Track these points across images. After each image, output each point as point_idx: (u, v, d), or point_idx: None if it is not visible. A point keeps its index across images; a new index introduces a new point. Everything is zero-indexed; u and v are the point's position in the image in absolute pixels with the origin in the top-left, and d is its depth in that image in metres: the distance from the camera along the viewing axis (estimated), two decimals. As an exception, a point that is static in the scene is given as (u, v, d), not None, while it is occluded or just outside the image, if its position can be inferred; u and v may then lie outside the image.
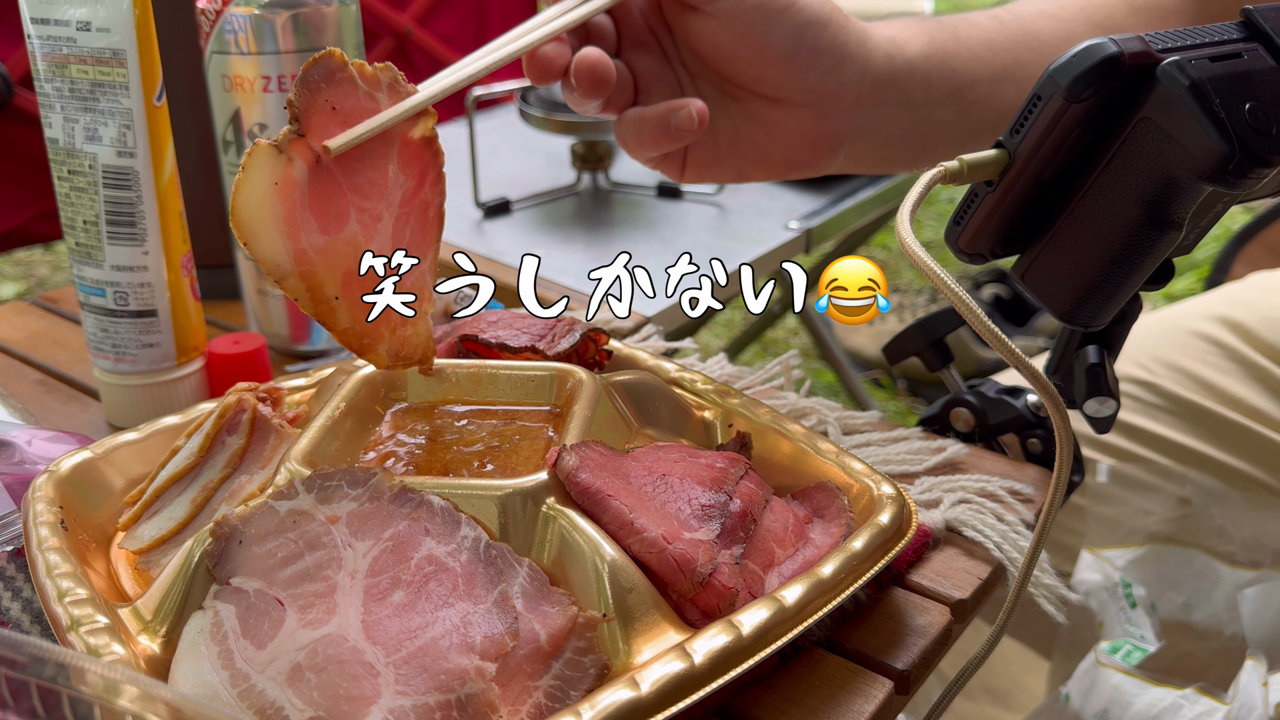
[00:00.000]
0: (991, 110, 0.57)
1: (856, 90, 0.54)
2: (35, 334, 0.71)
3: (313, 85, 0.42)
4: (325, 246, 0.43)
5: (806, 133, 0.55)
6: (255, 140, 0.42)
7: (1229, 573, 0.72)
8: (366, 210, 0.44)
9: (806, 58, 0.52)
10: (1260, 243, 1.59)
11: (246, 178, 0.41)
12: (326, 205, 0.43)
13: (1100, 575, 0.73)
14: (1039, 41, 0.58)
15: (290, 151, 0.42)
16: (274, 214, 0.42)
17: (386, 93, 0.44)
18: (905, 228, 0.39)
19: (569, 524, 0.40)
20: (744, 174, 0.57)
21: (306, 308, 0.44)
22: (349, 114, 0.43)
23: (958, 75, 0.56)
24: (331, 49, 0.43)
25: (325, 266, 0.43)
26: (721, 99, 0.55)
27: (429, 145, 0.46)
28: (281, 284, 0.43)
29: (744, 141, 0.56)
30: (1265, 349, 0.76)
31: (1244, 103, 0.37)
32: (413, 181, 0.46)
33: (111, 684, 0.27)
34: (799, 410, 0.59)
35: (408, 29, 1.39)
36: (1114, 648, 0.69)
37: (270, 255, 0.42)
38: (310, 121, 0.42)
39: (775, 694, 0.40)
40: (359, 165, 0.44)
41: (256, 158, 0.41)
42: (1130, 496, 0.75)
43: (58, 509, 0.43)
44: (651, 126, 0.52)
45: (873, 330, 1.81)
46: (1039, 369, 0.37)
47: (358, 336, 0.45)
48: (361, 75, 0.44)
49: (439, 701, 0.34)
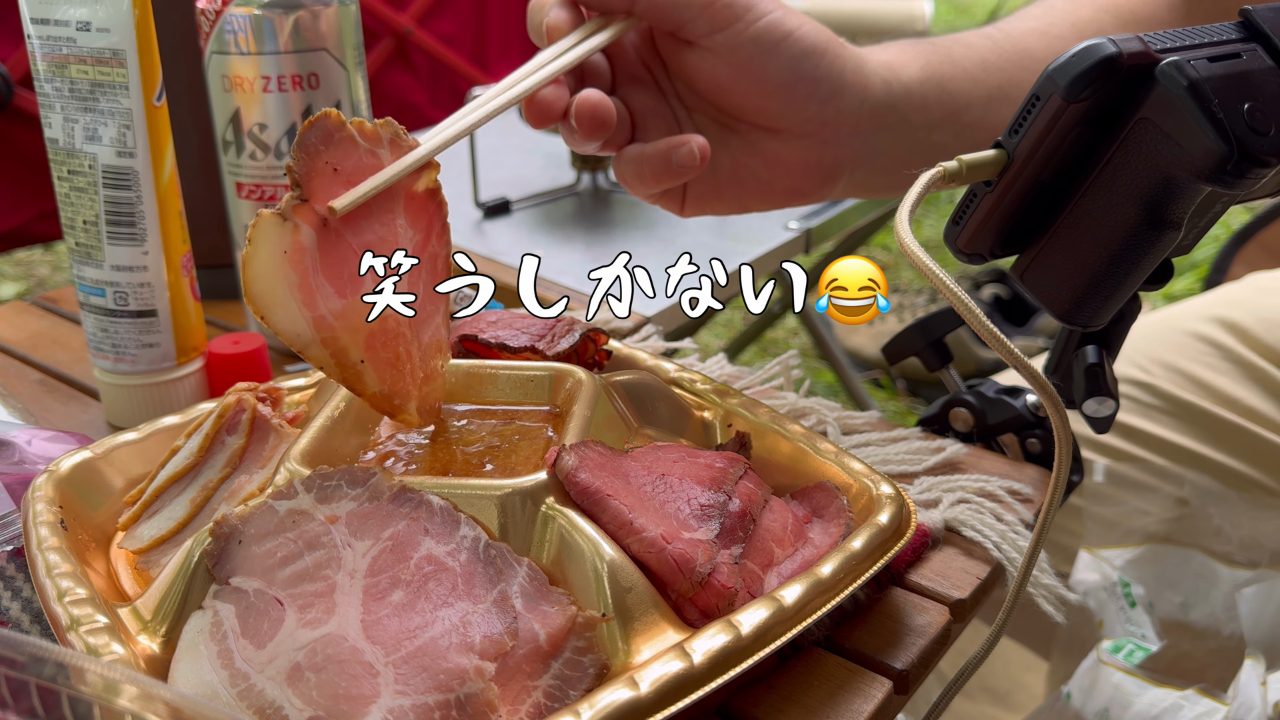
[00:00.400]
0: (988, 131, 0.57)
1: (855, 117, 0.54)
2: (35, 334, 0.71)
3: (311, 149, 0.41)
4: (344, 310, 0.42)
5: (807, 162, 0.55)
6: (259, 212, 0.41)
7: (1227, 572, 0.72)
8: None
9: (805, 88, 0.52)
10: (1258, 243, 1.59)
11: (255, 250, 0.40)
12: (340, 268, 0.42)
13: (1098, 575, 0.73)
14: (1032, 59, 0.58)
15: (295, 218, 0.41)
16: (288, 283, 0.41)
17: (388, 148, 0.44)
18: (904, 228, 0.39)
19: (568, 524, 0.40)
20: (745, 205, 0.57)
21: (333, 374, 0.43)
22: (351, 173, 0.42)
23: (954, 98, 0.56)
24: (328, 110, 0.42)
25: (346, 330, 0.43)
26: (720, 132, 0.55)
27: (433, 197, 0.46)
28: (305, 354, 0.42)
29: (744, 174, 0.55)
30: (1262, 350, 0.76)
31: (1242, 103, 0.38)
32: (420, 235, 0.45)
33: (111, 683, 0.27)
34: (798, 410, 0.59)
35: (407, 29, 1.39)
36: (1116, 647, 0.69)
37: (290, 326, 0.41)
38: (312, 185, 0.41)
39: (774, 693, 0.40)
40: (367, 223, 0.43)
41: (262, 229, 0.40)
42: (1128, 497, 0.75)
43: (57, 509, 0.43)
44: (652, 164, 0.51)
45: (872, 330, 1.81)
46: (1038, 369, 0.37)
47: (388, 399, 0.44)
48: (361, 133, 0.43)
49: (438, 701, 0.34)
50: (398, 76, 1.41)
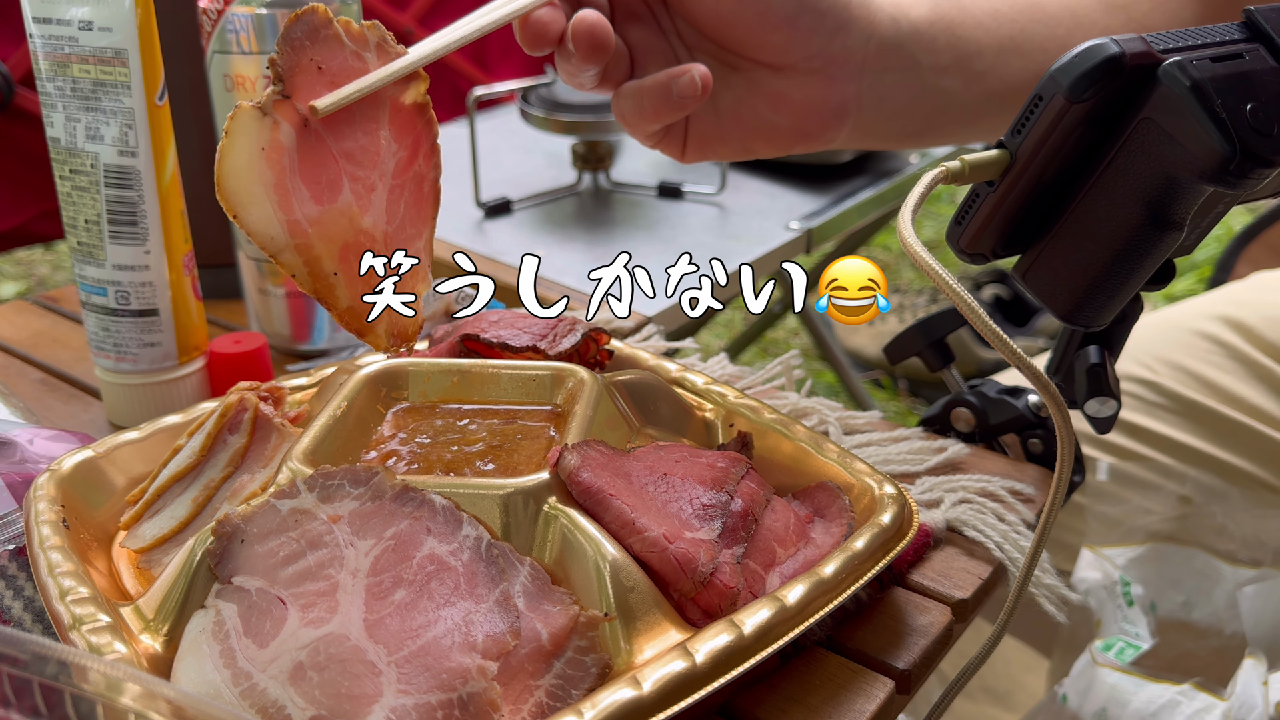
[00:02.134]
0: (999, 81, 0.56)
1: (862, 54, 0.53)
2: (36, 333, 0.71)
3: (296, 43, 0.40)
4: (319, 217, 0.41)
5: (812, 101, 0.53)
6: (237, 104, 0.39)
7: (1229, 571, 0.72)
8: (359, 179, 0.42)
9: (809, 21, 0.51)
10: (1263, 243, 1.59)
11: (231, 143, 0.39)
12: (318, 172, 0.41)
13: (1100, 574, 0.73)
14: (1045, 14, 0.57)
15: (275, 114, 0.39)
16: (263, 181, 0.39)
17: (375, 52, 0.42)
18: (907, 228, 0.39)
19: (570, 523, 0.40)
20: (748, 148, 0.55)
21: (305, 285, 0.41)
22: (336, 74, 0.41)
23: (963, 43, 0.55)
24: (314, 4, 0.40)
25: (321, 239, 0.41)
26: (722, 70, 0.53)
27: (421, 112, 0.44)
28: (277, 258, 0.40)
29: (747, 113, 0.54)
30: (1267, 348, 0.76)
31: (1245, 103, 0.38)
32: (405, 151, 0.43)
33: (114, 682, 0.27)
34: (800, 410, 0.59)
35: (409, 29, 1.39)
36: (1107, 645, 0.69)
37: (262, 226, 0.40)
38: (295, 82, 0.40)
39: (776, 693, 0.40)
40: (349, 130, 0.41)
41: (240, 121, 0.39)
42: (1131, 495, 0.75)
43: (59, 508, 0.43)
44: (652, 96, 0.50)
45: (873, 330, 1.81)
46: (1040, 369, 0.37)
47: (358, 316, 0.43)
48: (348, 33, 0.41)
49: (441, 700, 0.34)
50: (398, 76, 1.41)
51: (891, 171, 1.05)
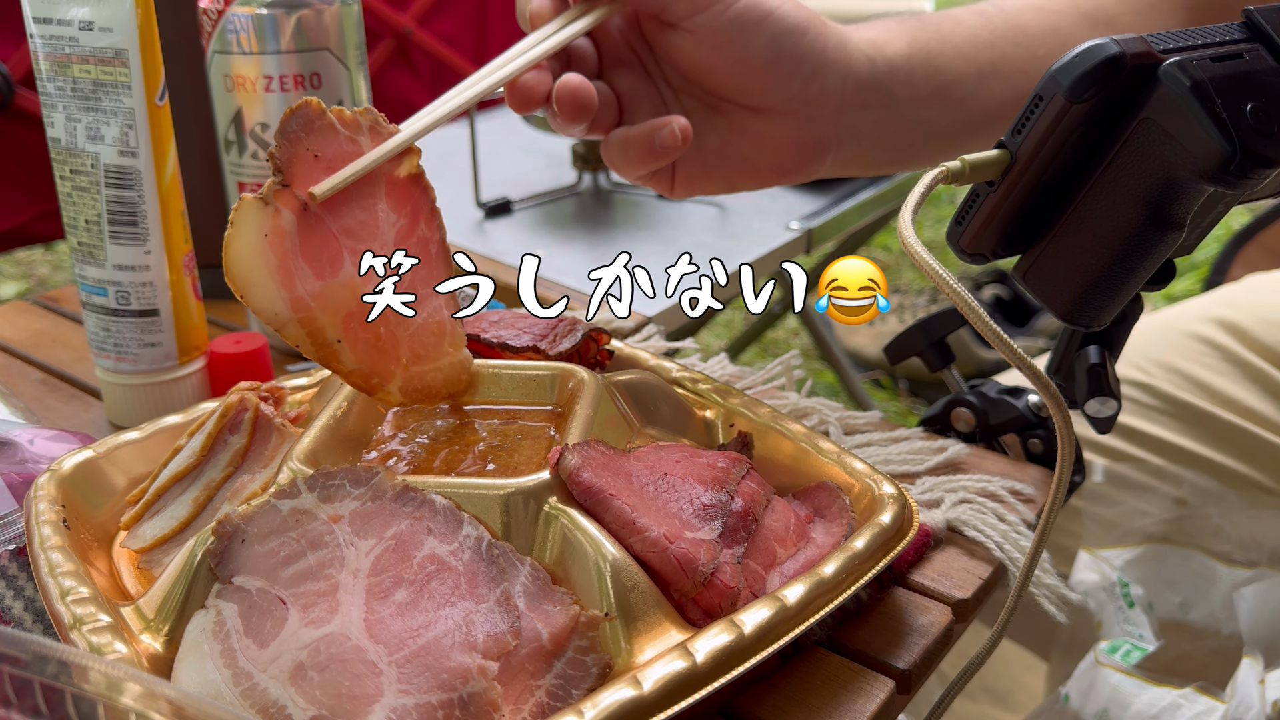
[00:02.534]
0: (980, 106, 0.57)
1: (839, 95, 0.54)
2: (37, 333, 0.71)
3: (292, 136, 0.43)
4: (321, 292, 0.44)
5: (792, 140, 0.55)
6: (241, 196, 0.42)
7: (1226, 572, 0.72)
8: (359, 252, 0.45)
9: (787, 66, 0.52)
10: (1258, 244, 1.59)
11: (236, 233, 0.42)
12: (319, 251, 0.43)
13: (1098, 575, 0.73)
14: (1026, 36, 0.57)
15: (276, 203, 0.42)
16: (267, 265, 0.42)
17: (368, 135, 0.45)
18: (907, 228, 0.39)
19: (571, 523, 0.40)
20: (733, 185, 0.57)
21: (309, 353, 0.44)
22: (332, 160, 0.44)
23: (942, 73, 0.56)
24: (308, 99, 0.43)
25: (324, 311, 0.44)
26: (706, 112, 0.55)
27: (416, 183, 0.46)
28: (282, 332, 0.43)
29: (731, 153, 0.56)
30: (1261, 350, 0.76)
31: (1246, 103, 0.38)
32: (405, 220, 0.46)
33: (114, 682, 0.27)
34: (800, 410, 0.59)
35: (409, 29, 1.39)
36: (1113, 647, 0.69)
37: (267, 306, 0.43)
38: (293, 171, 0.43)
39: (777, 693, 0.40)
40: (347, 208, 0.44)
41: (243, 212, 0.42)
42: (1126, 497, 0.75)
43: (60, 508, 0.43)
44: (637, 146, 0.52)
45: (873, 330, 1.81)
46: (1041, 369, 0.37)
47: (365, 377, 0.45)
48: (341, 121, 0.44)
49: (441, 700, 0.34)
50: (399, 76, 1.41)
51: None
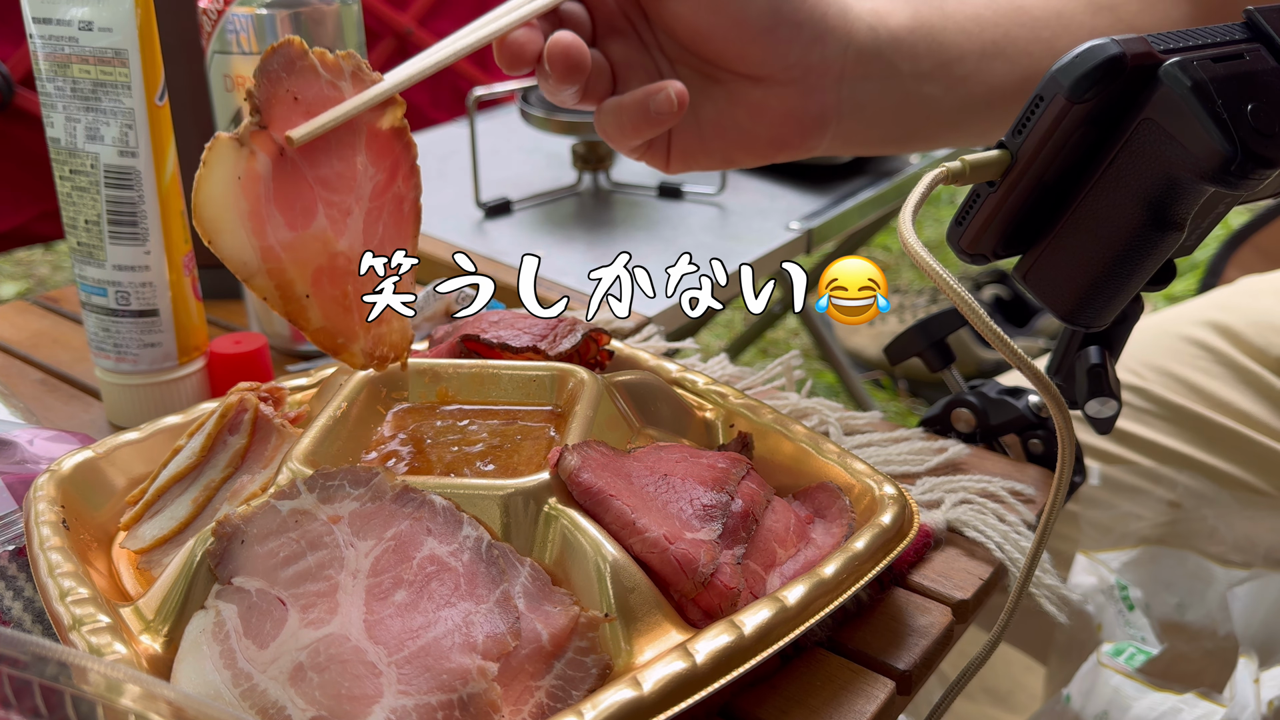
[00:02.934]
0: (982, 86, 0.56)
1: (840, 63, 0.53)
2: (36, 333, 0.71)
3: (272, 75, 0.41)
4: (293, 242, 0.42)
5: (791, 111, 0.53)
6: (216, 134, 0.40)
7: (1221, 573, 0.72)
8: (335, 204, 0.43)
9: (786, 31, 0.51)
10: (1252, 246, 1.59)
11: (208, 173, 0.40)
12: (292, 200, 0.42)
13: (1095, 578, 0.73)
14: (1030, 17, 0.57)
15: (252, 144, 0.40)
16: (238, 210, 0.40)
17: (350, 81, 0.43)
18: (908, 228, 0.39)
19: (571, 524, 0.40)
20: (730, 159, 0.56)
21: (276, 306, 0.42)
22: (312, 104, 0.42)
23: (945, 49, 0.55)
24: (290, 37, 0.41)
25: (294, 263, 0.42)
26: (703, 83, 0.54)
27: (399, 136, 0.45)
28: (249, 282, 0.41)
29: (728, 125, 0.54)
30: (1255, 353, 0.76)
31: (1246, 103, 0.38)
32: (383, 175, 0.44)
33: (114, 683, 0.27)
34: (800, 411, 0.59)
35: (408, 29, 1.39)
36: (1117, 650, 0.69)
37: (236, 253, 0.41)
38: (272, 113, 0.41)
39: (777, 694, 0.40)
40: (325, 157, 0.42)
41: (217, 152, 0.40)
42: (1120, 501, 0.75)
43: (59, 508, 0.43)
44: (631, 113, 0.50)
45: (873, 331, 1.81)
46: (1041, 369, 0.37)
47: (331, 336, 0.44)
48: (323, 63, 0.42)
49: (441, 701, 0.34)
50: (399, 76, 1.41)
51: (892, 171, 1.05)
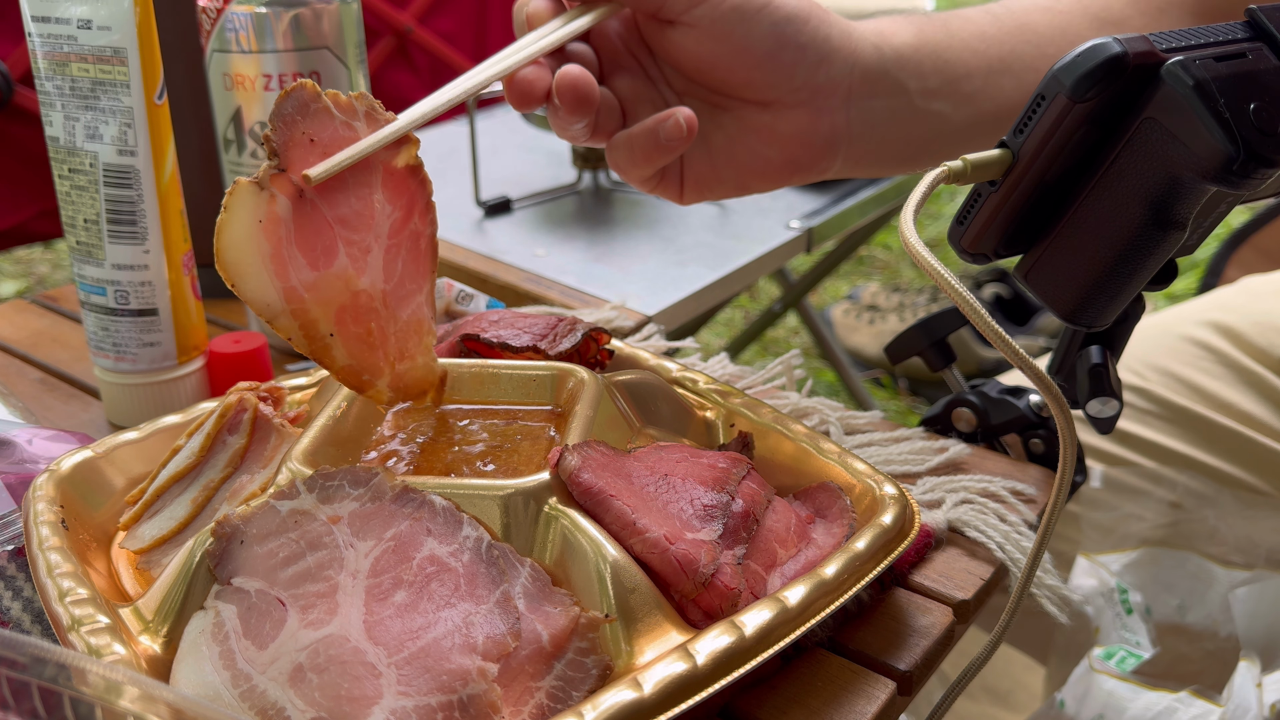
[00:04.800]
0: (990, 102, 0.56)
1: (847, 83, 0.53)
2: (36, 332, 0.71)
3: (287, 119, 0.42)
4: (315, 283, 0.43)
5: (802, 133, 0.54)
6: (235, 179, 0.41)
7: (1223, 573, 0.72)
8: (355, 243, 0.44)
9: (790, 54, 0.52)
10: (1253, 246, 1.59)
11: (230, 218, 0.41)
12: (313, 240, 0.43)
13: (1096, 580, 0.73)
14: (1035, 34, 0.57)
15: (271, 187, 0.41)
16: (260, 252, 0.41)
17: (364, 121, 0.44)
18: (909, 227, 0.38)
19: (571, 524, 0.40)
20: (744, 185, 0.56)
21: (301, 347, 0.43)
22: (328, 145, 0.43)
23: (951, 66, 0.55)
24: (303, 81, 0.43)
25: (317, 303, 0.43)
26: (711, 112, 0.55)
27: (414, 174, 0.46)
28: (274, 324, 0.42)
29: (740, 151, 0.55)
30: (1256, 353, 0.76)
31: (1248, 103, 0.37)
32: (400, 212, 0.45)
33: (113, 684, 0.27)
34: (801, 410, 0.59)
35: (408, 27, 1.39)
36: (1108, 654, 0.69)
37: (259, 295, 0.42)
38: (289, 155, 0.42)
39: (778, 695, 0.40)
40: (343, 196, 0.43)
41: (238, 196, 0.41)
42: (1122, 502, 0.75)
43: (58, 508, 0.43)
44: (641, 142, 0.51)
45: (874, 330, 1.81)
46: (1042, 369, 0.37)
47: (356, 374, 0.45)
48: (337, 105, 0.43)
49: (441, 702, 0.34)
50: (398, 75, 1.41)
51: (892, 170, 1.05)
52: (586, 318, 0.68)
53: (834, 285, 2.17)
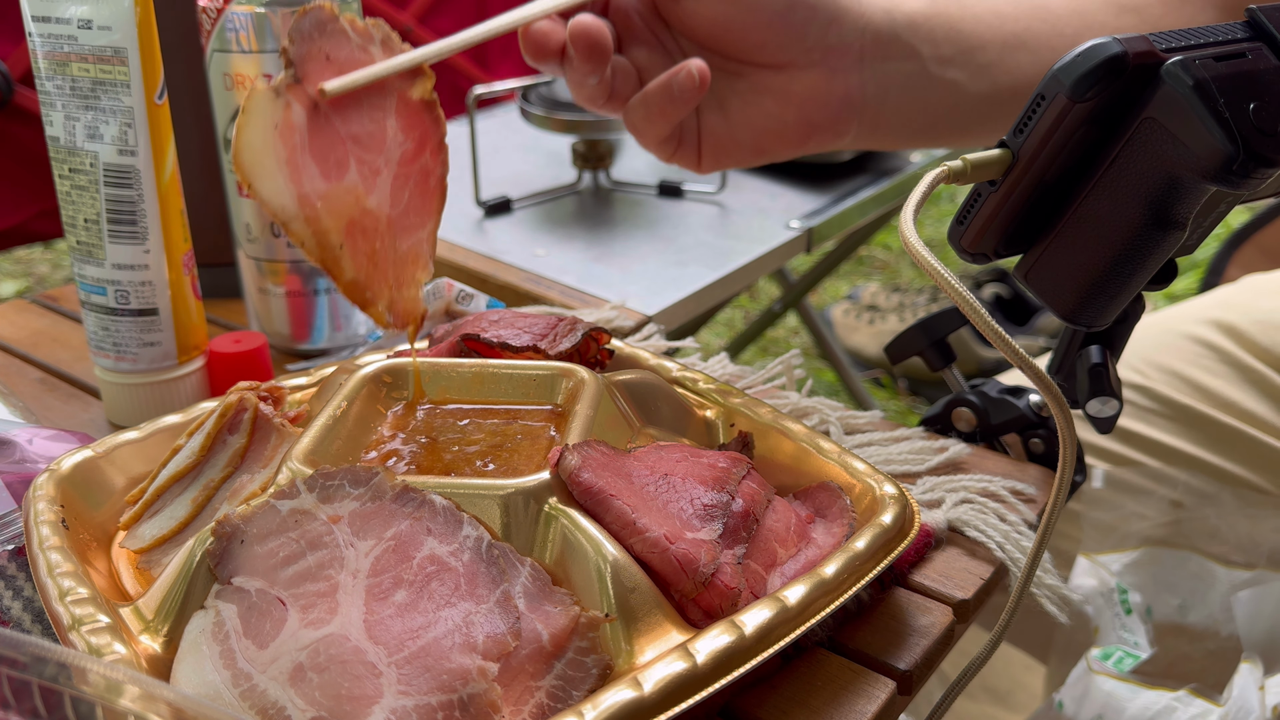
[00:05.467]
0: (1007, 76, 0.57)
1: (859, 45, 0.54)
2: (36, 332, 0.71)
3: (305, 34, 0.43)
4: (327, 193, 0.44)
5: (818, 93, 0.54)
6: (253, 85, 0.42)
7: (1224, 573, 0.72)
8: (365, 162, 0.44)
9: (800, 15, 0.53)
10: (1255, 245, 1.59)
11: (247, 120, 0.42)
12: (326, 151, 0.44)
13: (1096, 580, 0.73)
14: (1050, 13, 0.57)
15: (288, 95, 0.42)
16: (276, 156, 0.42)
17: (380, 47, 0.45)
18: (909, 226, 0.38)
19: (571, 524, 0.40)
20: (762, 150, 0.57)
21: (312, 254, 0.44)
22: (344, 64, 0.44)
23: (964, 36, 0.56)
24: (320, 1, 0.43)
25: (329, 213, 0.44)
26: (727, 78, 0.55)
27: (429, 110, 0.46)
28: (288, 227, 0.43)
29: (756, 114, 0.55)
30: (1258, 352, 0.76)
31: (1248, 102, 0.37)
32: (412, 144, 0.46)
33: (113, 684, 0.27)
34: (801, 410, 0.59)
35: (408, 27, 1.39)
36: (1105, 654, 0.69)
37: (275, 196, 0.42)
38: (305, 68, 0.42)
39: (777, 694, 0.40)
40: (357, 115, 0.44)
41: (256, 100, 0.42)
42: (1123, 501, 0.75)
43: (59, 508, 0.43)
44: (656, 99, 0.52)
45: (873, 330, 1.81)
46: (1042, 368, 0.37)
47: (360, 289, 0.45)
48: (353, 28, 0.44)
49: (441, 702, 0.34)
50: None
51: (892, 170, 1.05)
52: (586, 318, 0.68)
53: (834, 285, 2.17)
